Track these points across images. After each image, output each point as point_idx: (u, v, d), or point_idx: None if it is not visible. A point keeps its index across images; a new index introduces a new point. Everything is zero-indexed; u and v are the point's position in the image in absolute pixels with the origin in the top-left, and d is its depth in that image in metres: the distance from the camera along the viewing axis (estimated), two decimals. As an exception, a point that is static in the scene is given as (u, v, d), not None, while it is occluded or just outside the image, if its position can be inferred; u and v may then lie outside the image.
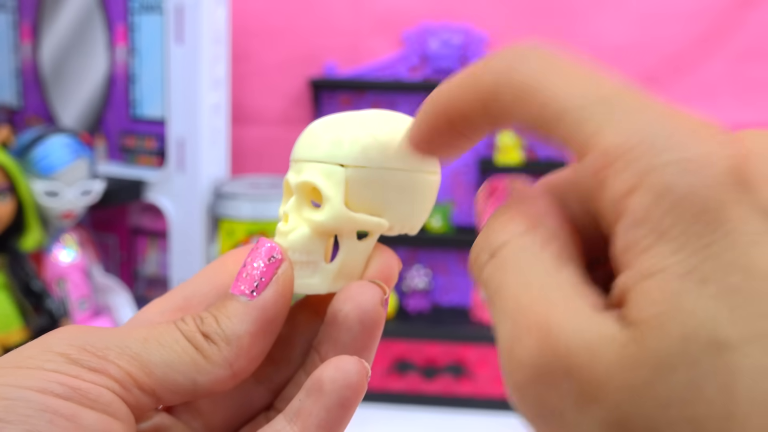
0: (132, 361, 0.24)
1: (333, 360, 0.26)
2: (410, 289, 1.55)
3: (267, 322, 0.26)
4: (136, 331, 0.25)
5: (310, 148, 0.29)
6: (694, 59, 1.51)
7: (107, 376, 0.23)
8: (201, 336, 0.25)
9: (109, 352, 0.23)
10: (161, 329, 0.25)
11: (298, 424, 0.25)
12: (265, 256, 0.27)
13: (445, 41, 1.51)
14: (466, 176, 1.58)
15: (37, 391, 0.22)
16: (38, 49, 1.48)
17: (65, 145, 1.15)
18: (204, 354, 0.25)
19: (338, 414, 0.25)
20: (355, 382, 0.25)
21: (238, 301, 0.26)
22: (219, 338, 0.25)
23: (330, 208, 0.28)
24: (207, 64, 1.31)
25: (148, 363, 0.24)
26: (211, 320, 0.26)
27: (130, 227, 1.48)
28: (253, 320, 0.26)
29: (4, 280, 1.07)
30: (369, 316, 0.27)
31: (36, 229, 1.11)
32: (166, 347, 0.25)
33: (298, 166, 0.29)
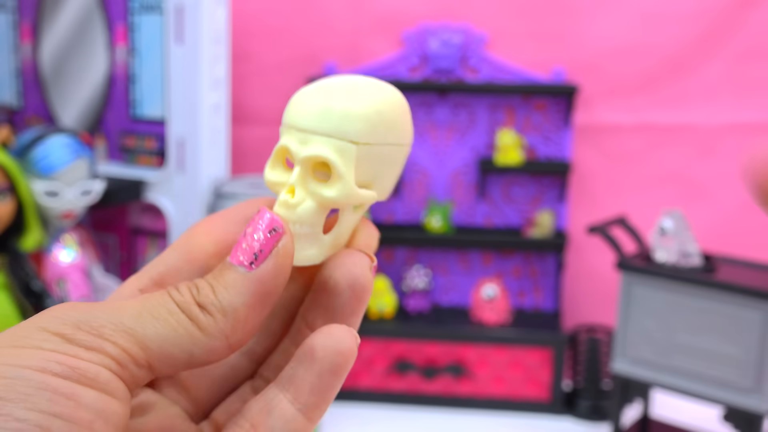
0: (127, 337, 0.24)
1: (324, 328, 0.26)
2: (410, 289, 1.54)
3: (264, 294, 0.26)
4: (128, 305, 0.25)
5: (316, 119, 0.28)
6: (694, 59, 1.51)
7: (104, 354, 0.23)
8: (197, 307, 0.25)
9: (104, 330, 0.23)
10: (154, 301, 0.25)
11: (291, 391, 0.26)
12: (267, 229, 0.26)
13: (444, 41, 1.51)
14: (466, 176, 1.58)
15: (37, 370, 0.22)
16: (38, 49, 1.48)
17: (65, 145, 1.15)
18: (200, 326, 0.25)
19: (329, 380, 0.26)
20: (346, 348, 0.26)
21: (236, 271, 0.26)
22: (215, 309, 0.25)
23: (343, 186, 0.28)
24: (207, 64, 1.31)
25: (143, 338, 0.24)
26: (208, 290, 0.25)
27: (130, 227, 1.48)
28: (250, 292, 0.26)
29: (4, 280, 1.07)
30: (359, 282, 0.28)
31: (36, 229, 1.11)
32: (161, 320, 0.24)
33: (304, 136, 0.28)
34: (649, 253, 1.25)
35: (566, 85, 1.48)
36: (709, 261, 1.22)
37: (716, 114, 1.52)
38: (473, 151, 1.57)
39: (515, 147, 1.50)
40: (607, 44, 1.52)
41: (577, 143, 1.55)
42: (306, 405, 0.26)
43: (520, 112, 1.54)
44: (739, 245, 1.49)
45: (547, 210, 1.53)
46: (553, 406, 1.46)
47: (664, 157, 1.55)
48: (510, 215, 1.58)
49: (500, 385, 1.47)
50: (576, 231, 1.57)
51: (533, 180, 1.57)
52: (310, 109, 0.29)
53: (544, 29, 1.52)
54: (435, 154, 1.58)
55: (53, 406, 0.21)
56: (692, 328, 1.18)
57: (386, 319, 1.51)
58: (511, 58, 1.53)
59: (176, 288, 0.26)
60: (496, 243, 1.53)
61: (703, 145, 1.53)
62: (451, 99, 1.56)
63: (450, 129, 1.57)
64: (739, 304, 1.13)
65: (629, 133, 1.55)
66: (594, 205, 1.57)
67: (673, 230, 1.21)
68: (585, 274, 1.59)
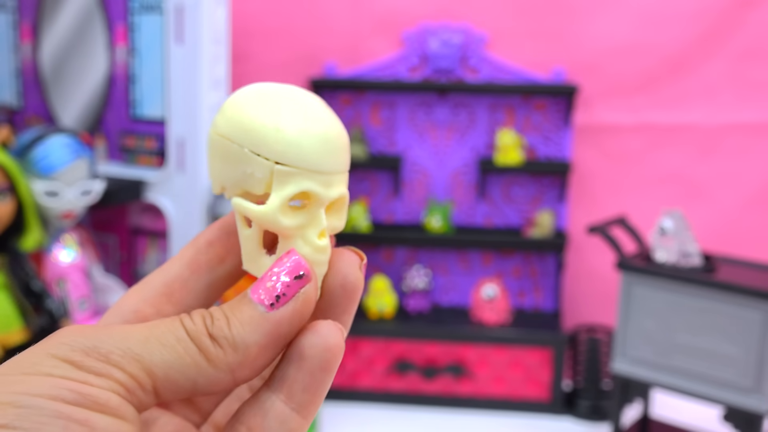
0: (134, 363, 0.24)
1: (310, 326, 0.26)
2: (410, 289, 1.54)
3: (279, 337, 0.26)
4: (136, 330, 0.25)
5: (339, 160, 0.28)
6: (694, 59, 1.51)
7: (113, 380, 0.23)
8: (208, 338, 0.25)
9: (112, 356, 0.24)
10: (164, 327, 0.25)
11: (283, 392, 0.26)
12: (293, 273, 0.26)
13: (444, 41, 1.51)
14: (466, 176, 1.58)
15: (49, 398, 0.22)
16: (38, 49, 1.48)
17: (65, 145, 1.15)
18: (208, 357, 0.25)
19: (321, 377, 0.26)
20: (333, 344, 0.26)
21: (255, 309, 0.26)
22: (227, 343, 0.25)
23: (346, 213, 0.29)
24: (207, 64, 1.31)
25: (149, 364, 0.24)
26: (223, 322, 0.25)
27: (130, 227, 1.48)
28: (265, 332, 0.26)
29: (4, 280, 1.07)
30: (349, 281, 0.28)
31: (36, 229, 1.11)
32: (168, 347, 0.24)
33: (328, 179, 0.28)
34: (649, 253, 1.25)
35: (566, 85, 1.48)
36: (709, 261, 1.21)
37: (716, 114, 1.52)
38: (473, 151, 1.57)
39: (515, 147, 1.50)
40: (607, 44, 1.52)
41: (577, 143, 1.55)
42: (300, 404, 0.26)
43: (520, 112, 1.54)
44: (739, 245, 1.49)
45: (547, 210, 1.53)
46: (553, 406, 1.46)
47: (664, 157, 1.55)
48: (510, 215, 1.58)
49: (500, 385, 1.47)
50: (576, 231, 1.57)
51: (533, 180, 1.57)
52: (327, 149, 0.28)
53: (544, 29, 1.52)
54: (435, 154, 1.58)
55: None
56: (692, 328, 1.18)
57: (386, 319, 1.51)
58: (511, 58, 1.53)
59: (189, 316, 0.26)
60: (496, 243, 1.53)
61: (703, 145, 1.53)
62: (451, 99, 1.56)
63: (450, 129, 1.57)
64: (739, 304, 1.13)
65: (629, 133, 1.55)
66: (594, 205, 1.57)
67: (673, 230, 1.21)
68: (585, 274, 1.59)
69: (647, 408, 1.32)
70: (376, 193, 1.60)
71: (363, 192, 1.60)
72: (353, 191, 1.60)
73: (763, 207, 1.53)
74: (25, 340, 1.06)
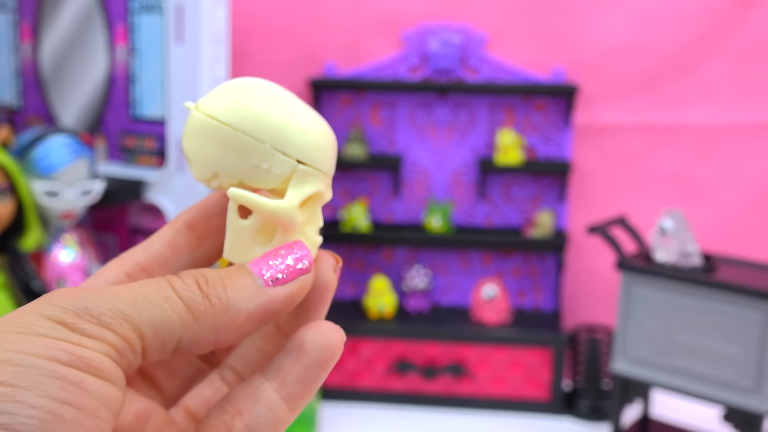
0: (125, 324, 0.24)
1: (313, 323, 0.27)
2: (410, 289, 1.54)
3: (268, 313, 0.27)
4: (123, 291, 0.25)
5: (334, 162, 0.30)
6: (694, 59, 1.51)
7: (105, 342, 0.24)
8: (199, 293, 0.26)
9: (104, 318, 0.24)
10: (150, 287, 0.25)
11: (276, 381, 0.27)
12: (297, 261, 0.28)
13: (444, 41, 1.51)
14: (466, 176, 1.58)
15: (46, 358, 0.22)
16: (38, 49, 1.48)
17: (65, 145, 1.15)
18: (195, 313, 0.25)
19: (316, 372, 0.27)
20: (334, 344, 0.27)
21: (253, 280, 0.27)
22: (218, 302, 0.26)
23: None
24: (207, 64, 1.31)
25: (139, 324, 0.24)
26: (219, 283, 0.26)
27: (130, 227, 1.48)
28: (258, 304, 0.26)
29: (4, 280, 1.07)
30: (322, 281, 0.29)
31: (36, 229, 1.11)
32: (155, 306, 0.25)
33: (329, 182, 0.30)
34: (649, 253, 1.25)
35: (566, 85, 1.48)
36: (709, 261, 1.21)
37: (716, 114, 1.52)
38: (473, 151, 1.57)
39: (515, 147, 1.50)
40: (607, 44, 1.52)
41: (577, 143, 1.55)
42: (290, 394, 0.27)
43: (520, 112, 1.54)
44: (739, 245, 1.49)
45: (547, 210, 1.53)
46: (553, 406, 1.46)
47: (664, 157, 1.55)
48: (510, 215, 1.58)
49: (500, 385, 1.47)
50: (576, 231, 1.57)
51: (533, 180, 1.57)
52: (334, 154, 0.30)
53: (544, 29, 1.52)
54: (435, 154, 1.58)
55: (64, 394, 0.22)
56: (692, 328, 1.18)
57: (386, 319, 1.51)
58: (511, 58, 1.53)
59: (179, 277, 0.26)
60: (496, 243, 1.53)
61: (703, 145, 1.53)
62: (451, 99, 1.56)
63: (450, 129, 1.57)
64: (739, 304, 1.13)
65: (629, 133, 1.55)
66: (594, 205, 1.57)
67: (673, 230, 1.21)
68: (585, 274, 1.59)
69: (647, 408, 1.32)
70: (376, 193, 1.60)
71: (363, 192, 1.60)
72: (353, 191, 1.60)
73: (763, 207, 1.53)
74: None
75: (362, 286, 1.61)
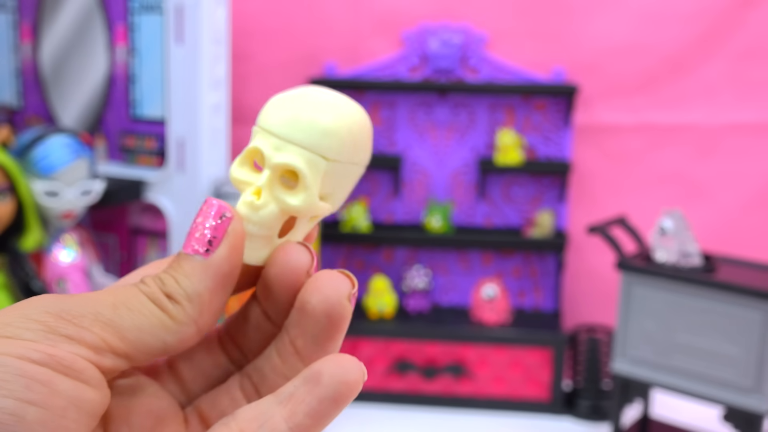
0: (106, 327, 0.25)
1: (335, 356, 0.26)
2: (410, 289, 1.54)
3: (223, 277, 0.27)
4: (103, 297, 0.26)
5: (296, 129, 0.29)
6: (694, 59, 1.51)
7: (82, 343, 0.24)
8: (165, 297, 0.26)
9: (84, 320, 0.24)
10: (126, 293, 0.26)
11: (288, 408, 0.26)
12: (216, 216, 0.28)
13: (444, 41, 1.51)
14: (466, 176, 1.58)
15: (16, 357, 0.22)
16: (38, 49, 1.48)
17: (65, 145, 1.15)
18: (170, 315, 0.26)
19: (329, 407, 0.26)
20: (352, 380, 0.26)
21: (192, 260, 0.27)
22: (181, 297, 0.26)
23: (308, 197, 0.29)
24: (207, 64, 1.31)
25: (120, 328, 0.25)
26: (171, 281, 0.27)
27: (130, 227, 1.48)
28: (210, 277, 0.27)
29: (4, 280, 1.07)
30: (335, 311, 0.28)
31: (36, 229, 1.11)
32: (135, 311, 0.26)
33: (279, 143, 0.29)
34: (649, 253, 1.25)
35: (566, 85, 1.48)
36: (709, 261, 1.21)
37: (716, 114, 1.52)
38: (473, 151, 1.57)
39: (515, 147, 1.50)
40: (606, 44, 1.52)
41: (577, 143, 1.55)
42: (299, 426, 0.26)
43: (520, 112, 1.54)
44: (739, 245, 1.49)
45: (547, 210, 1.53)
46: (553, 406, 1.46)
47: (664, 157, 1.55)
48: (510, 215, 1.58)
49: (500, 385, 1.47)
50: (576, 231, 1.57)
51: (533, 180, 1.57)
52: (289, 116, 0.29)
53: (544, 29, 1.52)
54: (435, 154, 1.58)
55: (29, 393, 0.22)
56: (692, 328, 1.18)
57: (386, 319, 1.51)
58: (511, 58, 1.53)
59: (143, 281, 0.27)
60: (496, 243, 1.53)
61: (703, 145, 1.53)
62: (451, 99, 1.56)
63: (450, 129, 1.57)
64: (739, 304, 1.13)
65: (629, 133, 1.55)
66: (594, 205, 1.57)
67: (673, 230, 1.21)
68: (585, 274, 1.59)
69: (647, 408, 1.32)
70: (376, 193, 1.60)
71: (363, 192, 1.60)
72: (354, 191, 1.60)
73: (763, 207, 1.53)
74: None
75: (362, 286, 1.61)
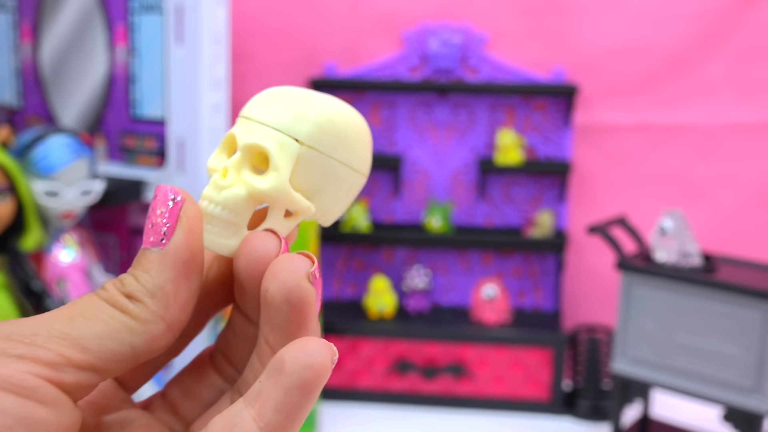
0: (61, 341, 0.24)
1: (297, 341, 0.24)
2: (410, 289, 1.54)
3: (184, 263, 0.26)
4: (59, 313, 0.25)
5: (268, 112, 0.28)
6: (694, 59, 1.51)
7: (35, 361, 0.23)
8: (124, 298, 0.25)
9: (37, 338, 0.23)
10: (83, 303, 0.25)
11: (256, 407, 0.24)
12: (166, 201, 0.26)
13: (444, 41, 1.51)
14: (466, 176, 1.58)
15: None
16: (38, 49, 1.48)
17: (65, 145, 1.15)
18: (132, 315, 0.25)
19: (297, 397, 0.24)
20: (316, 363, 0.24)
21: (151, 253, 0.26)
22: (142, 295, 0.25)
23: (276, 178, 0.28)
24: (207, 64, 1.31)
25: (78, 339, 0.24)
26: (130, 279, 0.26)
27: (130, 227, 1.48)
28: (169, 267, 0.25)
29: (4, 280, 1.07)
30: (294, 294, 0.25)
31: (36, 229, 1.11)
32: (93, 319, 0.24)
33: (250, 125, 0.28)
34: (649, 253, 1.25)
35: (566, 85, 1.48)
36: (709, 261, 1.21)
37: (716, 114, 1.52)
38: (473, 151, 1.57)
39: (515, 147, 1.50)
40: (606, 44, 1.52)
41: (577, 143, 1.55)
42: (269, 423, 0.24)
43: (520, 112, 1.54)
44: (739, 245, 1.49)
45: (547, 210, 1.53)
46: (553, 406, 1.46)
47: (664, 157, 1.55)
48: (510, 215, 1.58)
49: (500, 385, 1.47)
50: (576, 231, 1.57)
51: (533, 180, 1.57)
52: (265, 102, 0.29)
53: (544, 29, 1.52)
54: (435, 154, 1.58)
55: None
56: (692, 328, 1.18)
57: (386, 319, 1.51)
58: (511, 58, 1.53)
59: (103, 287, 0.26)
60: (496, 243, 1.53)
61: (703, 145, 1.53)
62: (451, 99, 1.56)
63: (450, 129, 1.57)
64: (739, 304, 1.13)
65: (629, 133, 1.55)
66: (594, 205, 1.57)
67: (673, 230, 1.21)
68: (585, 274, 1.59)
69: (647, 408, 1.32)
70: (376, 193, 1.60)
71: (363, 192, 1.60)
72: (353, 191, 1.60)
73: (763, 207, 1.53)
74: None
75: (362, 286, 1.61)
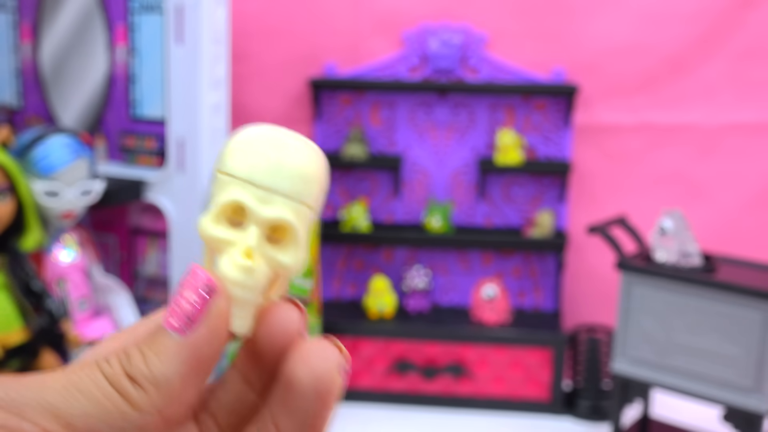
0: (49, 416, 0.22)
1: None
2: (410, 289, 1.54)
3: (200, 362, 0.24)
4: (55, 379, 0.23)
5: (279, 177, 0.26)
6: (694, 59, 1.51)
7: None
8: (127, 379, 0.23)
9: (26, 408, 0.22)
10: (81, 373, 0.23)
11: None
12: (200, 289, 0.24)
13: (445, 41, 1.51)
14: (466, 176, 1.58)
15: None
16: (38, 49, 1.48)
17: (65, 145, 1.15)
18: (130, 400, 0.23)
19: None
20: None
21: (169, 338, 0.24)
22: (146, 381, 0.23)
23: (299, 253, 0.27)
24: (207, 64, 1.31)
25: (66, 416, 0.23)
26: (139, 359, 0.24)
27: (130, 227, 1.48)
28: (184, 360, 0.24)
29: (4, 280, 1.07)
30: (324, 385, 0.25)
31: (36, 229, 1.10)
32: (86, 394, 0.23)
33: (264, 195, 0.26)
34: (649, 253, 1.25)
35: (566, 85, 1.48)
36: (709, 261, 1.21)
37: (716, 114, 1.52)
38: (473, 151, 1.57)
39: (515, 147, 1.50)
40: (606, 44, 1.52)
41: (577, 143, 1.55)
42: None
43: (520, 112, 1.54)
44: (739, 245, 1.49)
45: (547, 210, 1.53)
46: (553, 406, 1.46)
47: (664, 157, 1.55)
48: (510, 215, 1.58)
49: (500, 385, 1.47)
50: (576, 231, 1.57)
51: (533, 180, 1.57)
52: (269, 164, 0.26)
53: (544, 29, 1.52)
54: (435, 154, 1.58)
55: None
56: (692, 328, 1.18)
57: (386, 319, 1.51)
58: (511, 58, 1.53)
59: (106, 359, 0.24)
60: (496, 243, 1.53)
61: (703, 145, 1.53)
62: (451, 99, 1.56)
63: (450, 129, 1.57)
64: (739, 304, 1.13)
65: (629, 133, 1.55)
66: (594, 205, 1.57)
67: (673, 230, 1.21)
68: (585, 274, 1.59)
69: (647, 408, 1.32)
70: (376, 193, 1.60)
71: (363, 192, 1.60)
72: (353, 191, 1.60)
73: (763, 207, 1.53)
74: (25, 340, 1.06)
75: (362, 286, 1.61)
